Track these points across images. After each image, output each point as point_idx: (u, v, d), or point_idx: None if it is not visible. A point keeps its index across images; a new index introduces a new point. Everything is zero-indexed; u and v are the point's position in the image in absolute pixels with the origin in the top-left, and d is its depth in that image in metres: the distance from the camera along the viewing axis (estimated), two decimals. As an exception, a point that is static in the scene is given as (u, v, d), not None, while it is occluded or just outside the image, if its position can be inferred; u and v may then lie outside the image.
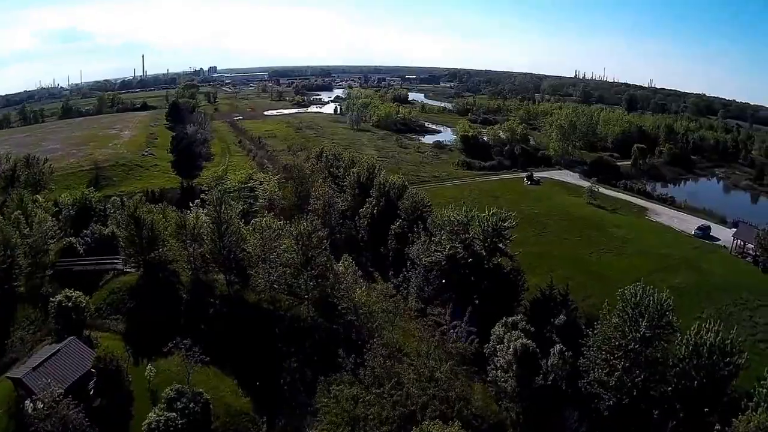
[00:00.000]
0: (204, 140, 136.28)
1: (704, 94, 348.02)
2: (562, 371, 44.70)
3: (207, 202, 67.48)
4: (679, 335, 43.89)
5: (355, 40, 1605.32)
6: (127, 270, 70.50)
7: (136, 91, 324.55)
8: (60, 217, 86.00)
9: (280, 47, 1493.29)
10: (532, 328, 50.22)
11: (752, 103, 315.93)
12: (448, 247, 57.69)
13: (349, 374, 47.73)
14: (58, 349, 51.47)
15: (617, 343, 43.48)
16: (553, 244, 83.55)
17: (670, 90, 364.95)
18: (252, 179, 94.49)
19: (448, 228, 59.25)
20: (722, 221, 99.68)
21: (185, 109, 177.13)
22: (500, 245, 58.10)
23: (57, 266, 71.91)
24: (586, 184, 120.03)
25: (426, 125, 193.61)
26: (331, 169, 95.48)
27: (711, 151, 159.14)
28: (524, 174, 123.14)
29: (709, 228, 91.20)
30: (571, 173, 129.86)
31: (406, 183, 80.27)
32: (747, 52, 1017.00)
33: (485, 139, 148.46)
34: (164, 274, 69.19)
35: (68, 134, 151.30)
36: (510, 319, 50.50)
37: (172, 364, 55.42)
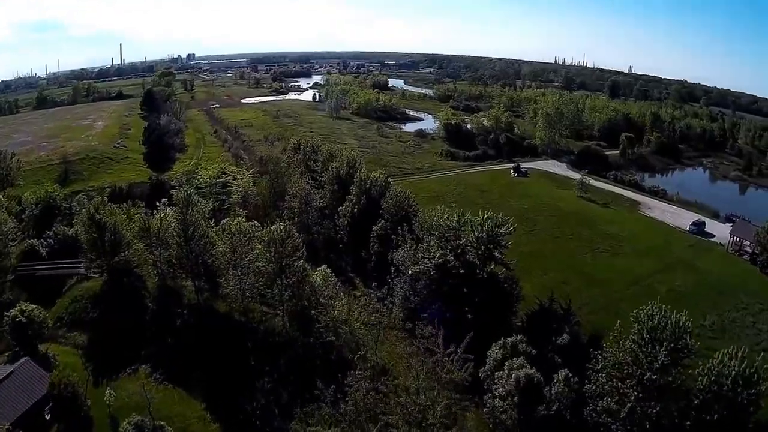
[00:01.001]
0: (178, 131, 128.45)
1: (686, 81, 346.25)
2: (567, 399, 39.67)
3: (174, 201, 60.98)
4: (698, 362, 38.95)
5: (334, 27, 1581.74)
6: (91, 275, 64.82)
7: (113, 80, 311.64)
8: (24, 216, 79.38)
9: (260, 34, 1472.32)
10: (533, 351, 45.07)
11: (733, 90, 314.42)
12: (438, 255, 51.99)
13: (329, 406, 41.97)
14: (11, 372, 46.11)
15: (629, 370, 38.44)
16: (544, 243, 78.50)
17: (651, 76, 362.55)
18: (225, 173, 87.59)
19: (437, 234, 53.51)
20: (715, 215, 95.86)
21: (160, 97, 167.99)
22: (495, 253, 52.58)
23: (18, 271, 66.23)
24: (574, 175, 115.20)
25: (407, 113, 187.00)
26: (309, 163, 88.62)
27: (698, 140, 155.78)
28: (511, 165, 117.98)
29: (703, 224, 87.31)
30: (558, 163, 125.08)
31: (389, 179, 74.19)
32: (725, 40, 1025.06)
33: (469, 127, 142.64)
34: (129, 279, 63.34)
35: (41, 126, 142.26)
36: (509, 340, 45.31)
37: (135, 384, 50.18)
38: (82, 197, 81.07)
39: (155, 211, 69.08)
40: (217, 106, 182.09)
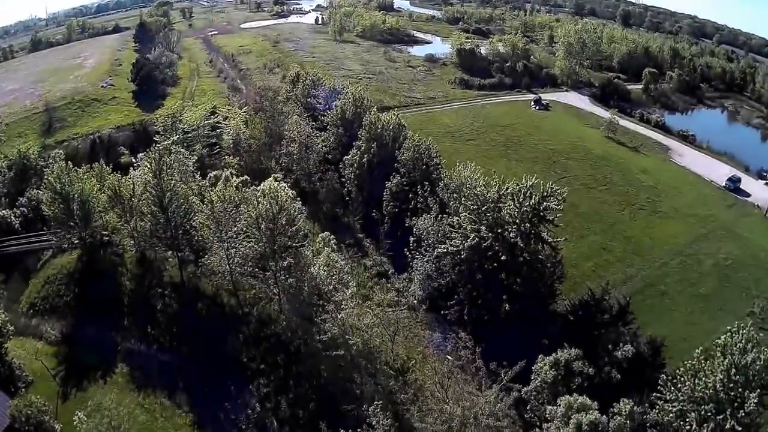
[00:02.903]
0: (170, 63, 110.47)
1: (696, 16, 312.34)
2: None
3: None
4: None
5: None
6: (65, 246, 51.82)
7: (112, 14, 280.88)
8: (-1, 181, 65.41)
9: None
10: (591, 370, 33.34)
11: (744, 30, 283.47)
12: (471, 233, 38.26)
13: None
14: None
15: (708, 412, 26.64)
16: (579, 195, 64.53)
17: (662, 8, 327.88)
18: (216, 112, 71.96)
19: (470, 204, 39.36)
20: (746, 169, 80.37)
21: (155, 28, 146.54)
22: (543, 233, 38.83)
23: (-13, 250, 53.64)
24: (598, 110, 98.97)
25: (414, 35, 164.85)
26: (309, 99, 72.50)
27: (718, 80, 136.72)
28: (531, 97, 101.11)
29: (739, 180, 72.66)
30: (580, 96, 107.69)
31: (403, 123, 58.70)
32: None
33: (483, 52, 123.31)
34: (105, 253, 50.55)
35: (31, 70, 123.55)
36: (562, 357, 33.27)
37: (111, 393, 37.99)
38: (59, 153, 66.40)
39: (134, 166, 54.93)
40: (216, 33, 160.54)
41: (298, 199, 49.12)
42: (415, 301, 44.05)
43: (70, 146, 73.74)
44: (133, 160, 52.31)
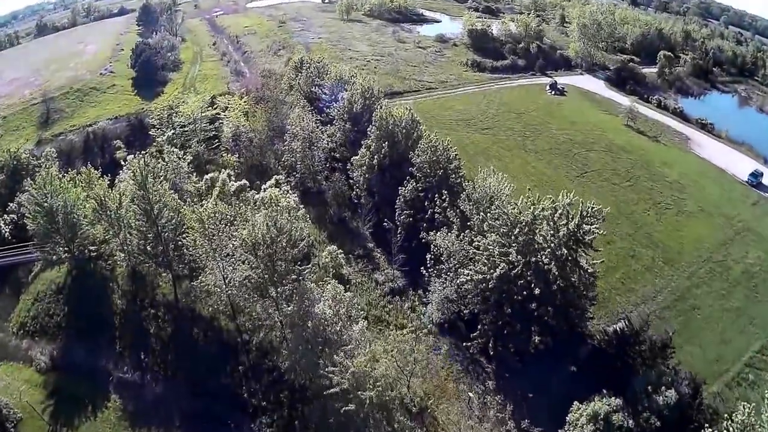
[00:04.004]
0: (172, 47, 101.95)
1: None
2: None
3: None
4: None
5: None
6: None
7: None
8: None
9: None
10: (631, 422, 28.14)
11: (749, 12, 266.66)
12: (500, 260, 31.74)
13: None
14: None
15: None
16: (603, 193, 57.82)
17: None
18: (216, 102, 64.64)
19: (500, 224, 32.70)
20: (765, 161, 72.31)
21: (160, 10, 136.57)
22: (581, 260, 32.24)
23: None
24: (615, 95, 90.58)
25: (424, 14, 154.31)
26: (314, 89, 64.81)
27: (729, 64, 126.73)
28: (545, 80, 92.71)
29: (761, 174, 65.45)
30: (595, 79, 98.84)
31: (417, 118, 51.18)
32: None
33: (495, 33, 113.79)
34: (96, 267, 44.65)
35: (34, 57, 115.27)
36: (601, 408, 27.51)
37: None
38: (51, 152, 59.94)
39: (123, 168, 48.38)
40: (221, 13, 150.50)
41: (302, 207, 43.04)
42: (432, 326, 38.01)
43: (63, 142, 67.18)
44: (123, 162, 45.64)
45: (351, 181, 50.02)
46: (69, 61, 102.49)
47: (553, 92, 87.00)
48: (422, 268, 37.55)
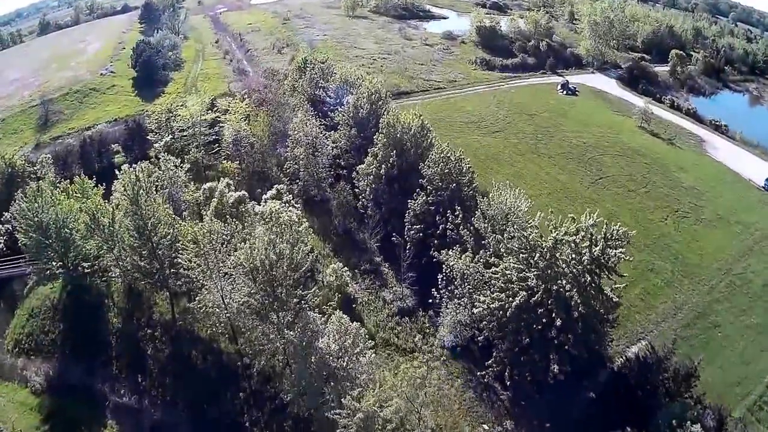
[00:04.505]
0: (173, 45, 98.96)
1: None
2: None
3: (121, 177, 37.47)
4: None
5: None
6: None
7: None
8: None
9: None
10: None
11: (757, 8, 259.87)
12: (517, 284, 29.10)
13: None
14: None
15: None
16: (619, 201, 55.07)
17: None
18: (216, 105, 61.86)
19: (518, 247, 29.98)
20: None
21: (163, 7, 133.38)
22: (606, 288, 29.43)
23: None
24: (627, 95, 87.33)
25: (430, 10, 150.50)
26: (318, 92, 61.43)
27: (740, 62, 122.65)
28: (556, 79, 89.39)
29: None
30: (606, 78, 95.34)
31: (428, 125, 48.18)
32: None
33: (504, 30, 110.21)
34: (91, 282, 42.22)
35: (36, 56, 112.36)
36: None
37: None
38: (47, 158, 57.41)
39: (118, 177, 45.58)
40: (225, 9, 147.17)
41: (305, 221, 40.48)
42: (444, 349, 35.51)
43: (60, 146, 64.59)
44: (118, 172, 42.82)
45: (356, 190, 47.12)
46: (70, 60, 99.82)
47: (564, 92, 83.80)
48: (434, 290, 34.84)
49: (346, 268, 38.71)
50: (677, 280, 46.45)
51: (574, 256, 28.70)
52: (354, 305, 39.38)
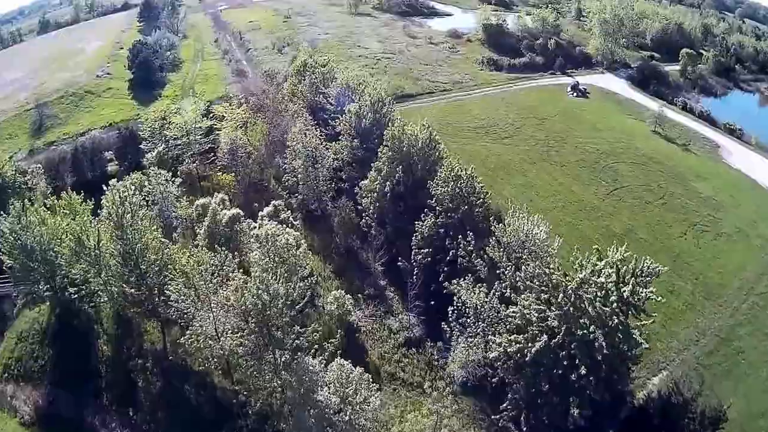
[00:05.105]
0: (171, 45, 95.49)
1: None
2: None
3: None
4: None
5: None
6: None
7: None
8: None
9: None
10: None
11: (764, 4, 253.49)
12: (537, 325, 26.13)
13: None
14: None
15: None
16: (636, 215, 51.94)
17: None
18: (211, 111, 58.65)
19: (538, 285, 26.96)
20: None
21: (164, 4, 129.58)
22: (634, 332, 26.33)
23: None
24: (639, 97, 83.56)
25: (434, 7, 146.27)
26: (318, 98, 57.55)
27: (750, 60, 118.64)
28: (566, 80, 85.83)
29: None
30: (617, 78, 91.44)
31: (437, 138, 44.72)
32: None
33: (510, 27, 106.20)
34: (81, 306, 39.09)
35: (34, 56, 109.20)
36: None
37: None
38: (37, 168, 54.57)
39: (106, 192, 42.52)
40: (226, 7, 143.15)
41: (303, 242, 37.58)
42: (455, 386, 32.67)
43: (52, 154, 61.83)
44: (105, 188, 39.75)
45: (359, 207, 44.04)
46: (66, 61, 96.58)
47: (574, 94, 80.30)
48: (444, 324, 31.87)
49: (348, 296, 35.77)
50: (699, 303, 43.52)
51: (600, 295, 25.66)
52: (357, 334, 36.54)
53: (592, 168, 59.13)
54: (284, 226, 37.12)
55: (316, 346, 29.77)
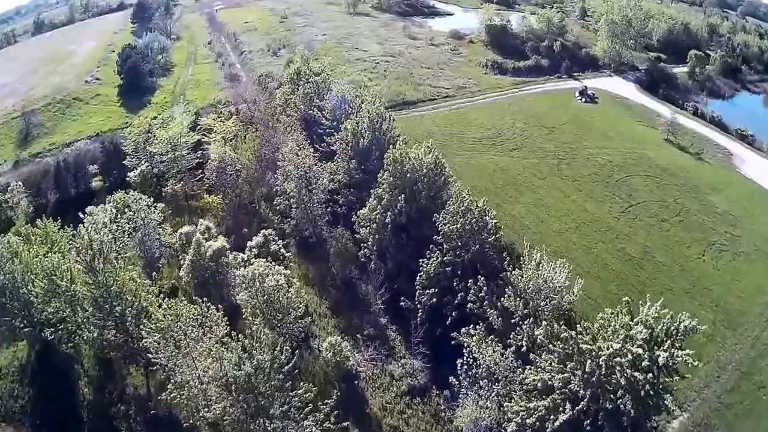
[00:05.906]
0: (162, 49, 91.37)
1: None
2: None
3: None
4: None
5: None
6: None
7: None
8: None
9: None
10: None
11: (765, 1, 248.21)
12: (560, 394, 22.86)
13: None
14: None
15: None
16: (652, 234, 48.61)
17: None
18: (199, 124, 54.93)
19: (561, 348, 23.58)
20: None
21: (158, 5, 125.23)
22: (666, 398, 23.07)
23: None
24: (648, 101, 79.91)
25: (435, 6, 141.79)
26: (312, 110, 53.37)
27: (755, 60, 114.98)
28: (573, 84, 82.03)
29: None
30: (624, 82, 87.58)
31: (443, 162, 40.73)
32: None
33: (514, 28, 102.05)
34: (60, 342, 35.96)
35: (28, 58, 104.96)
36: None
37: None
38: (17, 185, 51.29)
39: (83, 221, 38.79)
40: (222, 6, 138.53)
41: (295, 281, 34.25)
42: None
43: (35, 167, 58.34)
44: (82, 214, 36.13)
45: (357, 235, 40.42)
46: (59, 63, 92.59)
47: (583, 99, 76.56)
48: (452, 378, 28.44)
49: (345, 342, 32.36)
50: (720, 333, 40.12)
51: (631, 359, 22.35)
52: (356, 381, 33.23)
53: (606, 183, 55.61)
54: (274, 263, 33.65)
55: (310, 405, 26.45)
